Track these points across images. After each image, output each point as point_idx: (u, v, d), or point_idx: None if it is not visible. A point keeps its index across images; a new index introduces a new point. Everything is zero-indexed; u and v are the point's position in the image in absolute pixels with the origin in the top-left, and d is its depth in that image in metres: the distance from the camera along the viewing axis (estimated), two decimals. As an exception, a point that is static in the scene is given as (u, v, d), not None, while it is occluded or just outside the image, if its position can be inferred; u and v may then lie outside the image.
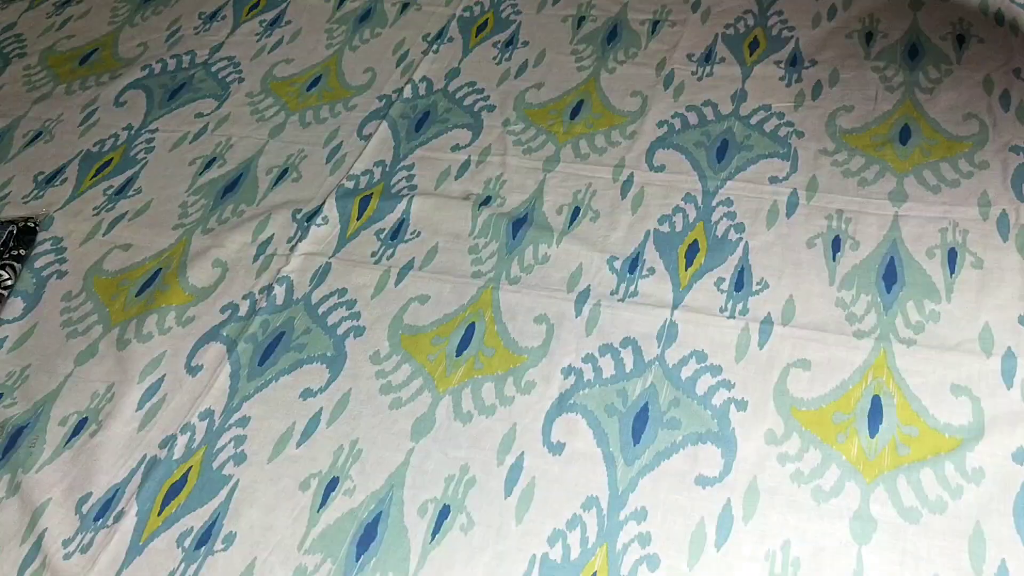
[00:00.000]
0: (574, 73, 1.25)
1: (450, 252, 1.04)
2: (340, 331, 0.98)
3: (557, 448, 0.83)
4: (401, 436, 0.86)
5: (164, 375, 0.96)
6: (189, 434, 0.90)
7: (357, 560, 0.78)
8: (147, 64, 1.42)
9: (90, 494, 0.87)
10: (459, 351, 0.93)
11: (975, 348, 0.84)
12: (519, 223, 1.05)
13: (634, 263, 0.98)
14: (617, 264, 0.98)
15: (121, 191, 1.21)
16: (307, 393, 0.92)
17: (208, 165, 1.23)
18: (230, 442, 0.89)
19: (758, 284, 0.93)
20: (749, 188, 1.04)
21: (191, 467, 0.87)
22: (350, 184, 1.14)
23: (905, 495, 0.75)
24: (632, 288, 0.95)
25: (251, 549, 0.80)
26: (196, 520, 0.83)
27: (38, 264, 1.12)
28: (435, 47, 1.32)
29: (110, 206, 1.19)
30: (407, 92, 1.26)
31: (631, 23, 1.28)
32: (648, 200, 1.05)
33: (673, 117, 1.15)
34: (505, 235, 1.04)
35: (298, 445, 0.87)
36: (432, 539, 0.78)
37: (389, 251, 1.05)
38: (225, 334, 0.99)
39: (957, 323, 0.86)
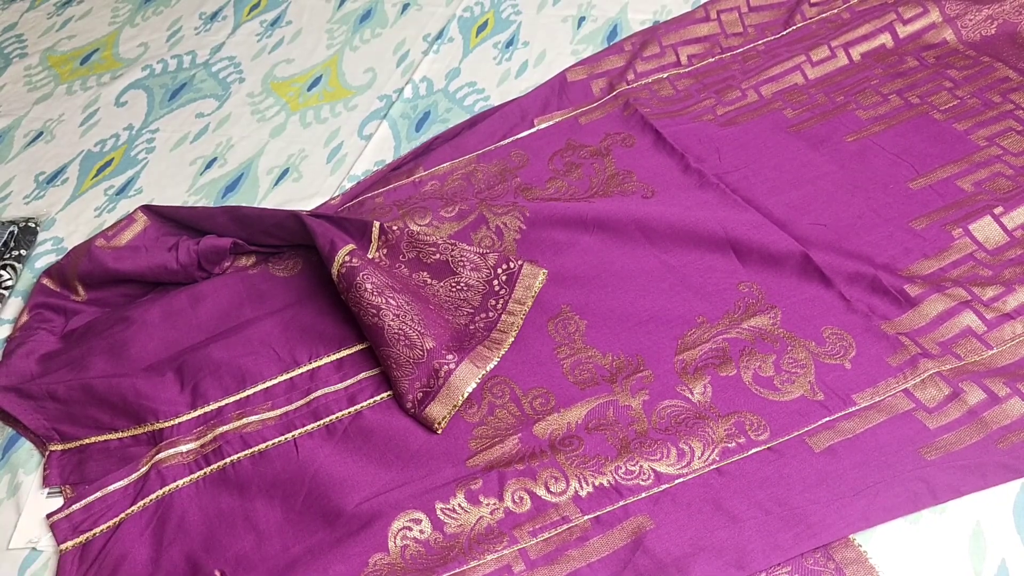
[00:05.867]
0: (574, 73, 1.25)
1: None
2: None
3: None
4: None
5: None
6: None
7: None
8: (148, 64, 1.42)
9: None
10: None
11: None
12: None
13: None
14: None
15: (122, 191, 1.21)
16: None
17: (209, 165, 1.23)
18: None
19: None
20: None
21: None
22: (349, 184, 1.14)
23: (905, 495, 0.75)
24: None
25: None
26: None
27: (39, 264, 1.12)
28: (435, 47, 1.32)
29: (111, 206, 1.19)
30: (407, 92, 1.26)
31: (631, 23, 1.28)
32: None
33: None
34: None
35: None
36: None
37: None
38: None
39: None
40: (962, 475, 0.73)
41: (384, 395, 0.87)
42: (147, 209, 1.08)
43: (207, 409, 0.89)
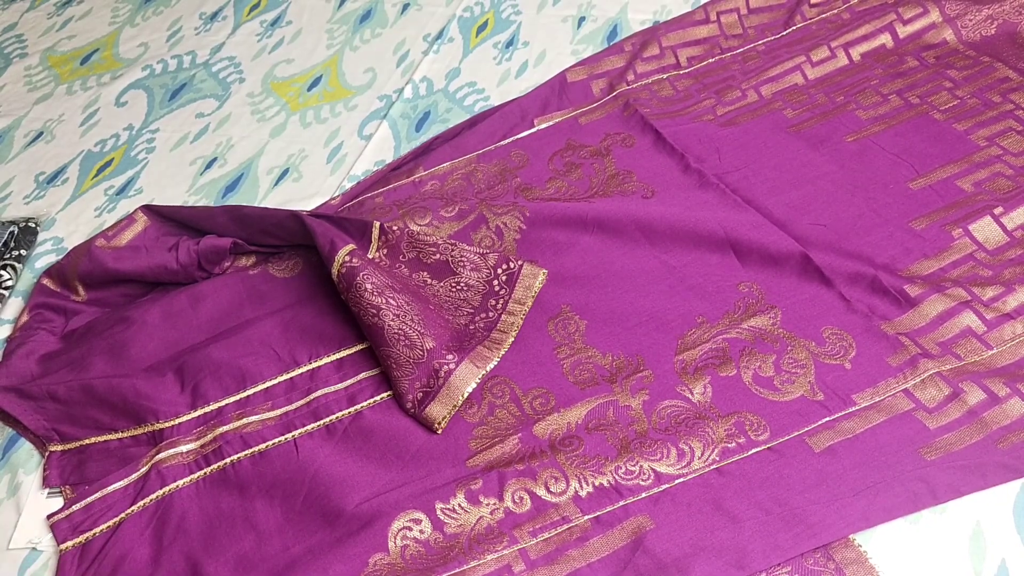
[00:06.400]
0: (574, 73, 1.25)
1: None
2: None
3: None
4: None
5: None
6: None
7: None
8: (148, 64, 1.42)
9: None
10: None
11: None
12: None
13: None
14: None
15: (122, 191, 1.21)
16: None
17: (209, 165, 1.23)
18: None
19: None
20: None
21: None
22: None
23: (905, 495, 0.75)
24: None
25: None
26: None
27: (39, 264, 1.12)
28: (435, 47, 1.32)
29: (111, 206, 1.19)
30: (407, 92, 1.26)
31: (631, 23, 1.28)
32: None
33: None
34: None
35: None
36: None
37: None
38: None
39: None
40: (962, 475, 0.73)
41: (384, 395, 0.87)
42: (147, 209, 1.08)
43: (207, 409, 0.89)
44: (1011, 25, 1.12)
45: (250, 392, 0.90)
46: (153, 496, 0.82)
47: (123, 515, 0.81)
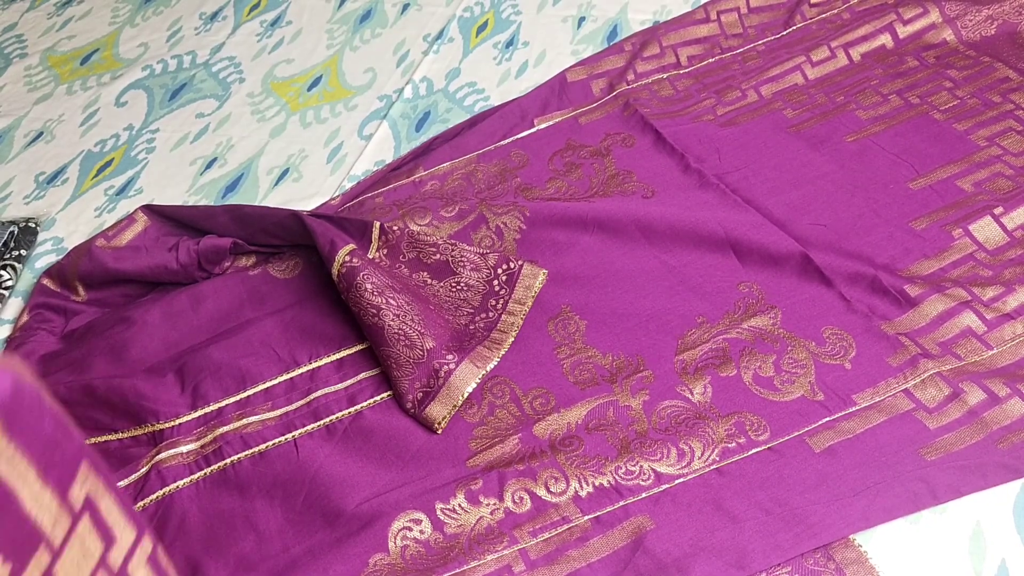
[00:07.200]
0: (574, 73, 1.25)
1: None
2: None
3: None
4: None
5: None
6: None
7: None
8: (148, 64, 1.42)
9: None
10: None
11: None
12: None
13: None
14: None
15: (122, 191, 1.21)
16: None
17: (209, 165, 1.23)
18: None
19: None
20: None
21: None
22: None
23: (905, 495, 0.75)
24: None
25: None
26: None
27: (39, 264, 1.12)
28: (435, 47, 1.32)
29: (111, 206, 1.19)
30: (408, 92, 1.26)
31: (631, 23, 1.28)
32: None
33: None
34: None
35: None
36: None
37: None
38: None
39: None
40: (962, 475, 0.73)
41: (384, 395, 0.87)
42: (147, 209, 1.08)
43: (207, 410, 0.89)
44: (1011, 25, 1.12)
45: (250, 392, 0.90)
46: (153, 496, 0.82)
47: None
